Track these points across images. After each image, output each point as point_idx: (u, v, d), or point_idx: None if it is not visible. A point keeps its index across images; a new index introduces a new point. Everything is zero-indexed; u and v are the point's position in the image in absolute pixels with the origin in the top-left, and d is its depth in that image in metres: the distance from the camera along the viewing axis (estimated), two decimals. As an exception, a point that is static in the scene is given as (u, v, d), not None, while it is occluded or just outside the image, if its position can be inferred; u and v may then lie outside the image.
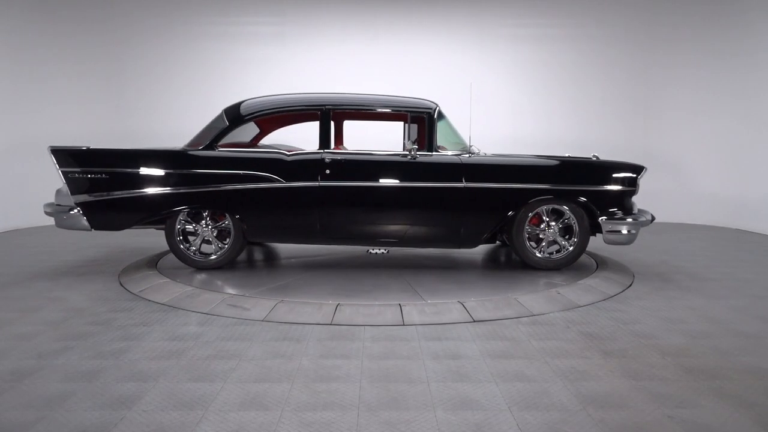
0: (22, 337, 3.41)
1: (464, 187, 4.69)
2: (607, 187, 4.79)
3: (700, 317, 3.85)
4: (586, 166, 4.90)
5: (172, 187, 4.75)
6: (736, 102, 8.09)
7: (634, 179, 4.83)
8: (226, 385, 2.72)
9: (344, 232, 4.86)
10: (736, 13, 8.07)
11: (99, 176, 4.75)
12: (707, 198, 8.48)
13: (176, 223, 4.91)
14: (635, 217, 4.84)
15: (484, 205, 4.76)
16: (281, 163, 4.72)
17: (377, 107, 5.03)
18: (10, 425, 2.34)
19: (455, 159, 4.80)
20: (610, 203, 4.80)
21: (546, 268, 4.92)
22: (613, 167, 4.87)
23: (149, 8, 8.57)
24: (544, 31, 8.70)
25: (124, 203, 4.76)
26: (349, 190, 4.73)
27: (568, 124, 8.67)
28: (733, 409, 2.48)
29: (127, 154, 4.81)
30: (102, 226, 4.87)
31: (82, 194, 4.76)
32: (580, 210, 4.82)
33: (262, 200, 4.74)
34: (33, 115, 8.14)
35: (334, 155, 4.74)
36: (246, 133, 5.36)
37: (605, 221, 4.77)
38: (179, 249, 4.97)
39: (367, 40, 8.69)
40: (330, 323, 3.66)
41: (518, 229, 4.83)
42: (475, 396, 2.61)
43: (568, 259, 4.94)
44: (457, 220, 4.77)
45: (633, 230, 4.80)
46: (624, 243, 4.85)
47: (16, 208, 7.98)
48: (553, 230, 4.89)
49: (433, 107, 4.93)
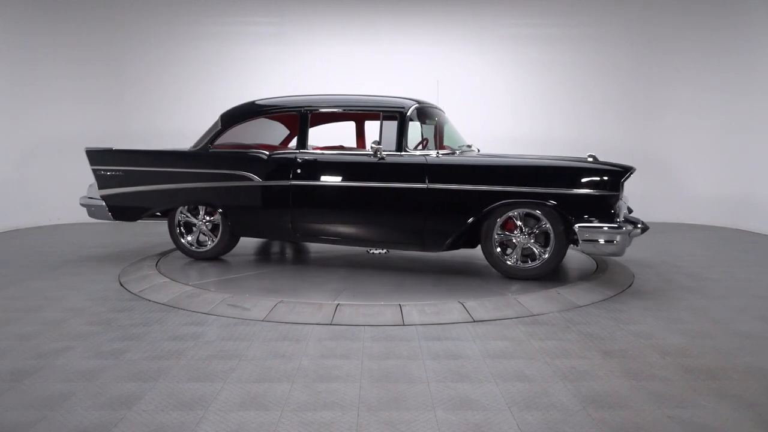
0: (22, 337, 3.41)
1: (426, 188, 4.52)
2: (579, 190, 4.28)
3: (700, 317, 3.85)
4: (556, 168, 4.47)
5: (170, 184, 5.28)
6: (736, 102, 8.09)
7: (615, 182, 4.25)
8: (226, 385, 2.72)
9: (313, 231, 4.99)
10: (736, 13, 8.07)
11: (117, 173, 5.46)
12: (707, 198, 8.48)
13: (176, 217, 5.40)
14: (618, 224, 4.21)
15: (445, 208, 4.53)
16: (259, 163, 5.03)
17: (353, 108, 5.20)
18: (10, 425, 2.34)
19: (420, 159, 4.62)
20: (586, 209, 4.26)
21: (518, 278, 4.53)
22: (588, 169, 4.37)
23: (149, 8, 8.57)
24: (544, 31, 8.69)
25: (134, 197, 5.42)
26: (316, 189, 4.87)
27: (568, 124, 8.67)
28: (733, 409, 2.48)
29: (138, 154, 5.52)
30: (120, 217, 5.57)
31: (106, 188, 5.50)
32: (555, 215, 4.34)
33: (241, 197, 5.11)
34: (32, 115, 8.14)
35: (306, 155, 4.92)
36: (246, 135, 5.47)
37: (580, 228, 4.23)
38: (178, 240, 5.45)
39: (367, 40, 8.69)
40: (330, 323, 3.66)
41: (487, 235, 4.53)
42: (475, 396, 2.61)
43: (542, 269, 4.45)
44: (420, 223, 4.60)
45: (613, 239, 4.19)
46: (607, 254, 4.29)
47: (16, 208, 7.98)
48: (525, 237, 4.46)
49: (405, 107, 4.78)
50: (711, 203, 8.43)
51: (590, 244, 4.24)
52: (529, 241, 4.47)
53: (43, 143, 8.33)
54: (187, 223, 5.42)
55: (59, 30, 8.30)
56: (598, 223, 4.22)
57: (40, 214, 8.27)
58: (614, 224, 4.21)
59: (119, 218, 5.56)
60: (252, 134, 5.52)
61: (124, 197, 5.45)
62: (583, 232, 4.23)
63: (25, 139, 8.11)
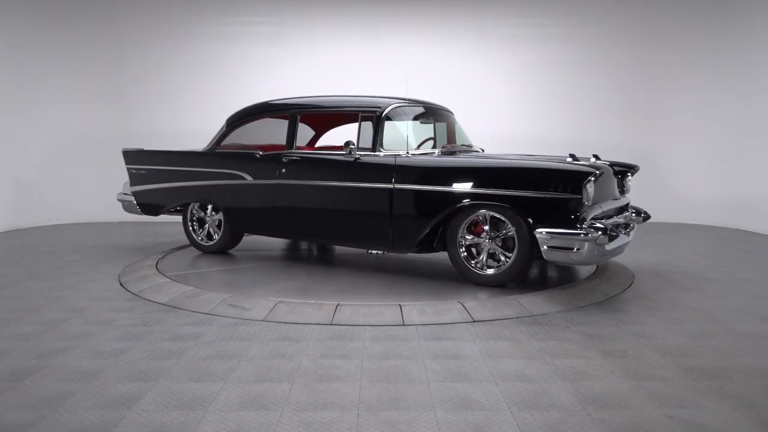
0: (22, 337, 3.41)
1: (393, 188, 4.48)
2: (536, 193, 4.00)
3: (700, 317, 3.85)
4: (513, 170, 4.27)
5: (181, 182, 5.71)
6: (736, 102, 8.09)
7: (577, 185, 3.91)
8: (226, 385, 2.72)
9: (297, 228, 5.17)
10: (735, 13, 8.07)
11: (143, 172, 5.96)
12: (707, 198, 8.47)
13: (188, 212, 5.79)
14: (580, 231, 3.85)
15: (408, 209, 4.45)
16: (252, 162, 5.27)
17: (334, 108, 5.39)
18: (10, 425, 2.34)
19: (389, 160, 4.57)
20: (546, 213, 3.98)
21: (481, 284, 4.32)
22: (546, 171, 4.12)
23: (149, 8, 8.56)
24: (544, 31, 8.69)
25: (155, 194, 5.91)
26: (297, 188, 5.01)
27: (568, 124, 8.66)
28: (733, 409, 2.48)
29: (158, 154, 5.98)
30: (146, 212, 6.05)
31: (135, 186, 6.01)
32: (519, 220, 4.08)
33: (236, 195, 5.38)
34: (32, 115, 8.14)
35: (292, 155, 5.07)
36: (250, 135, 5.66)
37: (539, 234, 3.94)
38: (190, 234, 5.84)
39: (367, 40, 8.68)
40: (330, 323, 3.66)
41: (452, 238, 4.36)
42: (475, 396, 2.61)
43: (504, 276, 4.22)
44: (387, 223, 4.56)
45: (573, 246, 3.85)
46: (573, 263, 4.02)
47: (16, 208, 7.98)
48: (490, 241, 4.24)
49: (381, 107, 4.77)
50: (711, 203, 8.42)
51: (554, 251, 3.92)
52: (496, 245, 4.24)
53: (43, 144, 8.32)
54: (200, 219, 5.78)
55: (59, 30, 8.29)
56: (559, 229, 3.89)
57: (40, 214, 8.27)
58: (576, 230, 3.86)
59: (145, 213, 6.06)
60: (255, 135, 5.64)
61: (147, 194, 5.95)
62: (543, 238, 3.93)
63: (26, 139, 8.10)
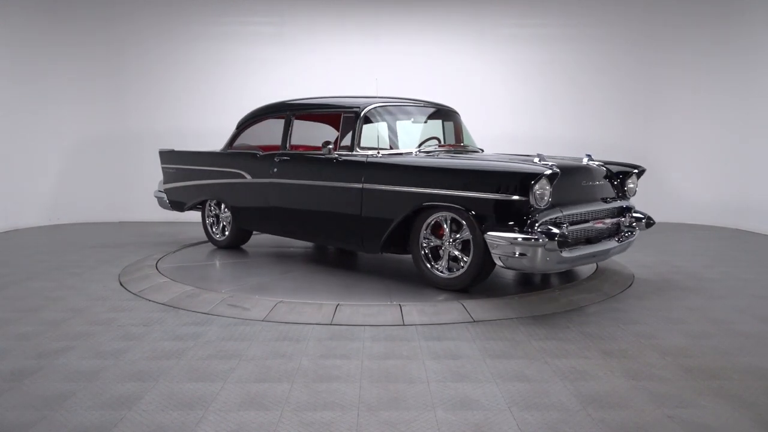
0: (22, 337, 3.41)
1: (361, 188, 4.50)
2: (483, 194, 3.85)
3: (700, 317, 3.84)
4: (462, 171, 4.10)
5: (197, 181, 6.09)
6: (736, 102, 8.09)
7: (524, 187, 3.71)
8: (226, 385, 2.72)
9: (285, 226, 5.31)
10: (736, 13, 8.07)
11: (172, 170, 6.44)
12: (707, 198, 8.47)
13: (206, 209, 6.17)
14: (527, 235, 3.68)
15: (373, 209, 4.45)
16: (252, 162, 5.47)
17: (321, 109, 5.52)
18: (10, 425, 2.34)
19: (361, 159, 4.56)
20: (494, 215, 3.82)
21: (439, 287, 4.22)
22: (492, 172, 3.97)
23: (150, 8, 8.57)
24: (544, 31, 8.69)
25: (178, 191, 6.38)
26: (284, 186, 5.17)
27: (568, 124, 8.66)
28: (733, 409, 2.48)
29: (183, 154, 6.36)
30: (174, 208, 6.55)
31: (166, 183, 6.52)
32: (473, 222, 3.92)
33: (237, 193, 5.65)
34: (32, 115, 8.13)
35: (283, 155, 5.21)
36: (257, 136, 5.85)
37: (489, 238, 3.79)
38: (207, 229, 6.23)
39: (367, 40, 8.68)
40: (330, 323, 3.65)
41: (414, 240, 4.31)
42: (475, 396, 2.61)
43: (460, 280, 4.10)
44: (356, 223, 4.57)
45: (516, 252, 3.68)
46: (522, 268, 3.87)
47: (16, 208, 7.98)
48: (450, 244, 4.14)
49: (360, 107, 4.74)
50: (711, 203, 8.42)
51: (506, 257, 3.75)
52: (455, 248, 4.13)
53: (42, 144, 8.32)
54: (216, 216, 6.12)
55: (59, 30, 8.29)
56: (505, 233, 3.74)
57: (39, 214, 8.27)
58: (522, 235, 3.69)
59: (174, 209, 6.57)
60: (259, 136, 5.76)
61: (175, 191, 6.43)
62: (490, 242, 3.79)
63: (26, 139, 8.10)
